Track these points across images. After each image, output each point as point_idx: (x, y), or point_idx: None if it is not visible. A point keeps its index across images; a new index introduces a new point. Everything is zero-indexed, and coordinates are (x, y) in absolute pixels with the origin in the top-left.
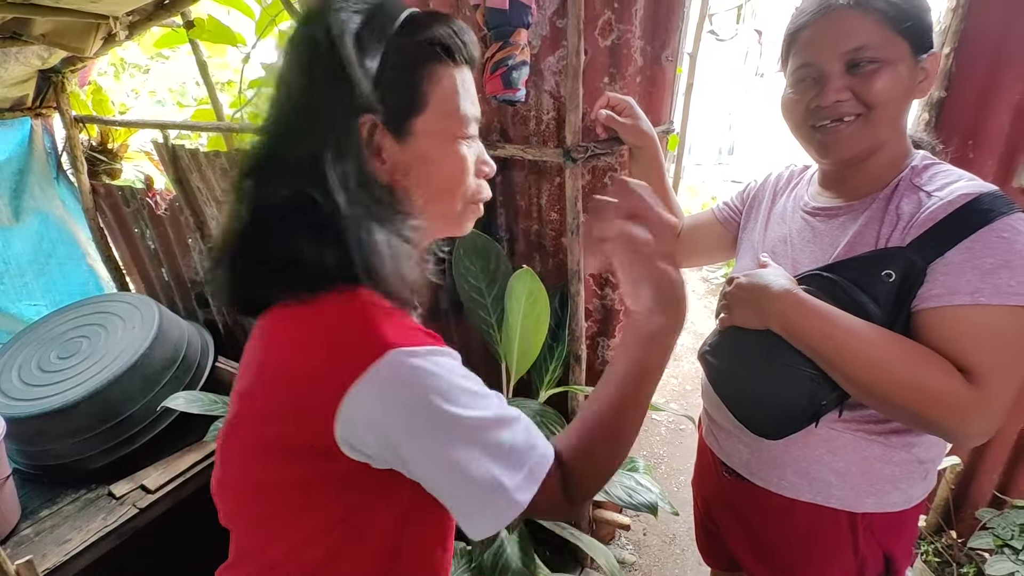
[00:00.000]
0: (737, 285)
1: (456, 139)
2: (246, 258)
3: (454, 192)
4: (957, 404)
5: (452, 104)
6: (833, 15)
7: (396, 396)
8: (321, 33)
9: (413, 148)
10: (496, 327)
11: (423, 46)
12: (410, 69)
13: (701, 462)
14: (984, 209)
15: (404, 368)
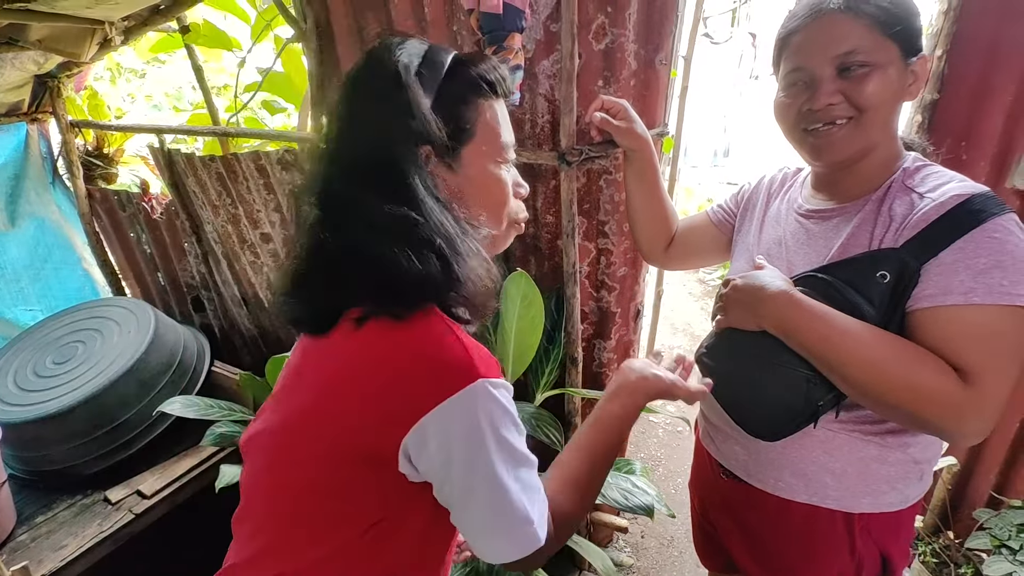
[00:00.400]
0: (733, 287)
1: (499, 164)
2: (332, 275)
3: (500, 213)
4: (952, 403)
5: (495, 133)
6: (824, 19)
7: (477, 420)
8: (390, 72)
9: (464, 174)
10: (491, 330)
11: (470, 83)
12: (460, 104)
13: (698, 464)
14: (976, 210)
15: (487, 397)
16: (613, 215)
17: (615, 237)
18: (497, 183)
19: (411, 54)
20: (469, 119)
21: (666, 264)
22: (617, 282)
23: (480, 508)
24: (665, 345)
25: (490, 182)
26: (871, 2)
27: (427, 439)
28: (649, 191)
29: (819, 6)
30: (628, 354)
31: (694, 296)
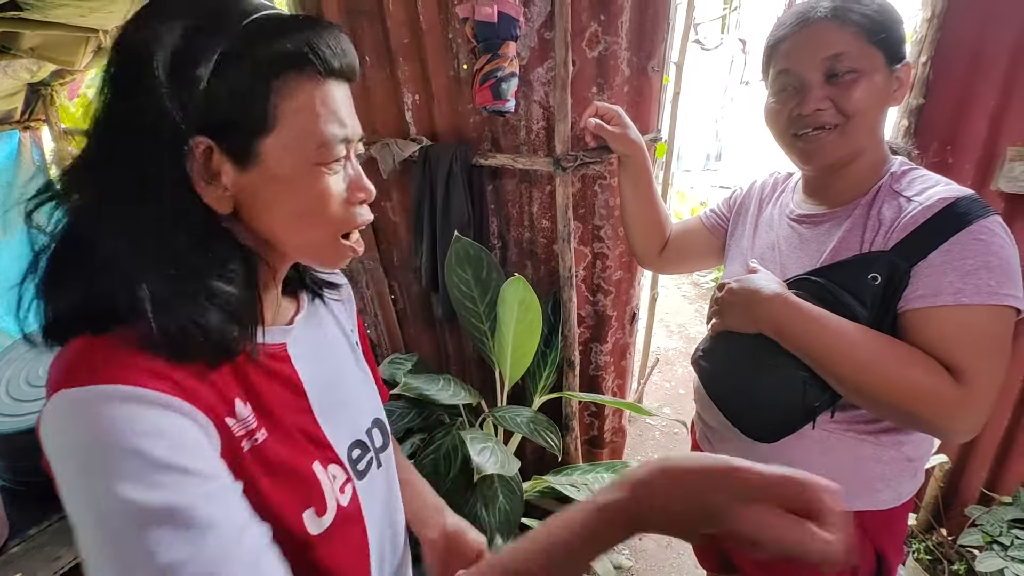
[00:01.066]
0: (728, 290)
1: (315, 164)
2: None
3: (315, 222)
4: (944, 401)
5: (309, 123)
6: (812, 27)
7: (50, 445)
8: (137, 45)
9: (260, 172)
10: (489, 335)
11: (272, 57)
12: (253, 83)
13: None
14: (961, 213)
15: (61, 412)
16: (608, 220)
17: (610, 241)
18: (309, 186)
19: (178, 18)
20: (268, 102)
21: (660, 268)
22: (613, 286)
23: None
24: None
25: (299, 184)
26: (857, 11)
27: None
28: (643, 196)
29: (807, 14)
30: (625, 356)
31: (689, 299)
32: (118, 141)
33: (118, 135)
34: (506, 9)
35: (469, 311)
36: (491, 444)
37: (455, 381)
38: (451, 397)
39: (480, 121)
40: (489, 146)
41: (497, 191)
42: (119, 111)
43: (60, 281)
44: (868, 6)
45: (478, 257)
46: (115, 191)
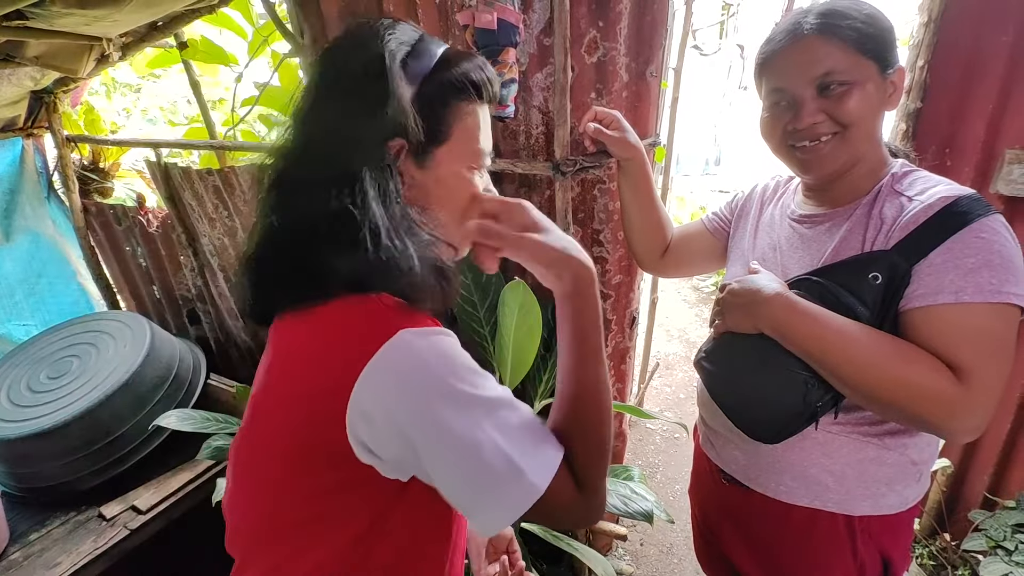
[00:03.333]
0: (730, 291)
1: (471, 170)
2: (275, 266)
3: (465, 216)
4: (946, 400)
5: (472, 138)
6: (801, 43)
7: (407, 373)
8: (373, 56)
9: (433, 175)
10: (489, 339)
11: (455, 83)
12: (440, 103)
13: (698, 470)
14: (962, 211)
15: (413, 346)
16: (608, 224)
17: (610, 246)
18: (466, 188)
19: (400, 41)
20: (448, 120)
21: (662, 272)
22: (612, 290)
23: (452, 477)
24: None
25: (458, 185)
26: (845, 24)
27: (370, 415)
28: (643, 200)
29: (795, 30)
30: (624, 361)
31: (689, 303)
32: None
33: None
34: (506, 16)
35: (469, 315)
36: None
37: None
38: None
39: None
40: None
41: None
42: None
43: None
44: (856, 18)
45: None
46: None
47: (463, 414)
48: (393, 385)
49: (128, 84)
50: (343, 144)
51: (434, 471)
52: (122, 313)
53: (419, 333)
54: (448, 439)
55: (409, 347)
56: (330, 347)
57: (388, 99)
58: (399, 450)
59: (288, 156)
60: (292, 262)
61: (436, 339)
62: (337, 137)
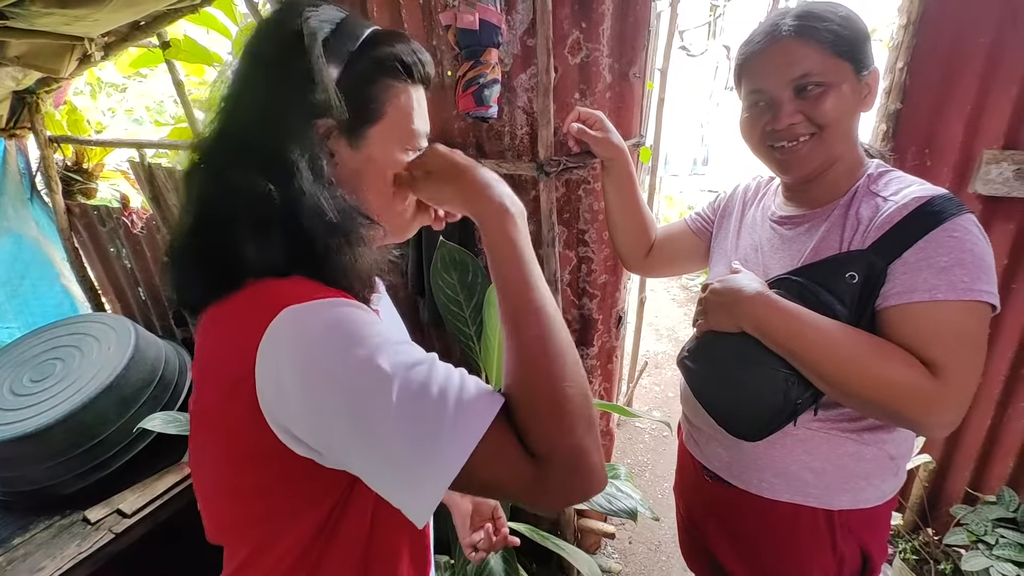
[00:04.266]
0: (712, 290)
1: (406, 151)
2: (193, 254)
3: (391, 197)
4: (922, 395)
5: (406, 118)
6: (778, 45)
7: (292, 349)
8: (292, 36)
9: (365, 154)
10: (475, 339)
11: (384, 62)
12: (370, 82)
13: (682, 466)
14: (935, 211)
15: (298, 320)
16: (592, 224)
17: (595, 245)
18: (398, 166)
19: (322, 20)
20: (378, 99)
21: (646, 271)
22: (598, 289)
23: (358, 458)
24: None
25: (393, 167)
26: (821, 27)
27: (283, 397)
28: (627, 200)
29: (773, 32)
30: (611, 360)
31: (677, 302)
32: (271, 109)
33: (271, 104)
34: (488, 17)
35: (455, 315)
36: None
37: None
38: None
39: (465, 127)
40: (474, 152)
41: None
42: (264, 86)
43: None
44: (832, 20)
45: (463, 262)
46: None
47: (358, 386)
48: (284, 364)
49: (113, 84)
50: (264, 124)
51: (343, 454)
52: (106, 315)
53: (305, 307)
54: (345, 416)
55: (293, 322)
56: (231, 337)
57: (311, 77)
58: (317, 431)
59: (210, 139)
60: (207, 249)
61: (326, 310)
62: (258, 117)
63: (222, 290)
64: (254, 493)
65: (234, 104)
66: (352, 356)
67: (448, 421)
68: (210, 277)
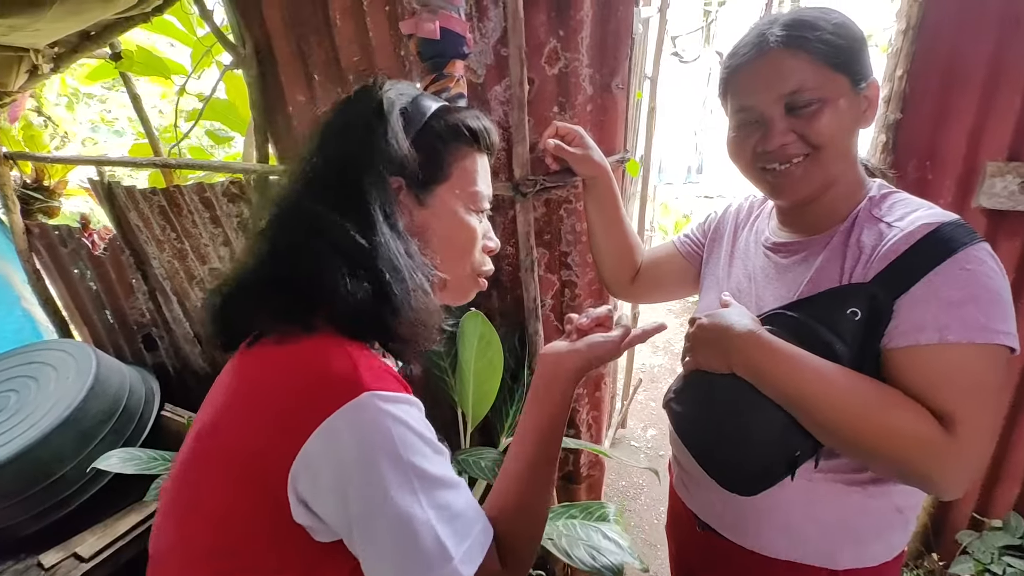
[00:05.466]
0: (699, 326)
1: (470, 211)
2: (262, 291)
3: (464, 259)
4: (931, 451)
5: (471, 180)
6: (766, 58)
7: (363, 436)
8: (373, 102)
9: (432, 212)
10: (450, 372)
11: (452, 127)
12: (438, 144)
13: (673, 509)
14: (945, 239)
15: (374, 410)
16: (575, 246)
17: (579, 268)
18: (465, 228)
19: (399, 92)
20: (446, 160)
21: (632, 297)
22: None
23: (381, 549)
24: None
25: (458, 226)
26: (813, 36)
27: (317, 470)
28: (610, 221)
29: (760, 44)
30: (599, 388)
31: (674, 312)
32: (349, 166)
33: (349, 162)
34: (450, 25)
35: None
36: None
37: None
38: None
39: None
40: None
41: None
42: (345, 145)
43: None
44: (824, 29)
45: None
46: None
47: (407, 488)
48: (348, 446)
49: (89, 95)
50: (346, 176)
51: (363, 540)
52: (67, 342)
53: (386, 398)
54: (387, 510)
55: (372, 410)
56: (295, 389)
57: (386, 137)
58: (338, 511)
59: (290, 184)
60: (282, 287)
61: (401, 407)
62: (340, 170)
63: (292, 330)
64: (245, 536)
65: (318, 157)
66: (412, 459)
67: (462, 539)
68: (283, 314)
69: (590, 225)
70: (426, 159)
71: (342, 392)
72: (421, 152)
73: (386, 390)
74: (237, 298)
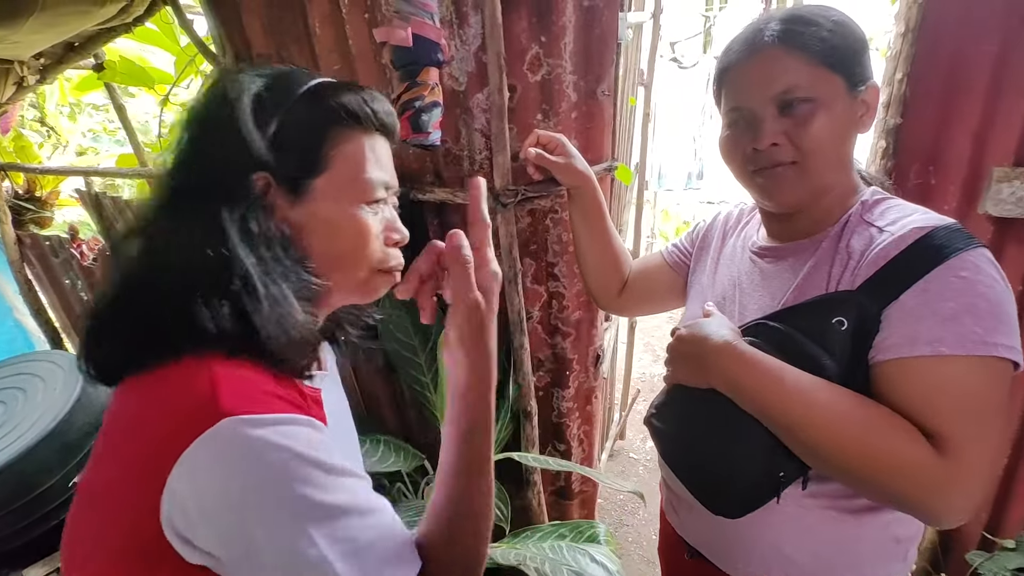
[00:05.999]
0: (677, 337)
1: (358, 203)
2: (119, 318)
3: (357, 257)
4: (925, 477)
5: (356, 168)
6: (760, 56)
7: (229, 469)
8: (221, 93)
9: (311, 208)
10: (432, 388)
11: (327, 111)
12: (310, 132)
13: (663, 534)
14: (938, 245)
15: (240, 438)
16: (562, 256)
17: (566, 280)
18: (352, 223)
19: (256, 76)
20: (321, 148)
21: (620, 310)
22: (572, 327)
23: None
24: (645, 373)
25: (344, 221)
26: (808, 34)
27: (185, 506)
28: (595, 231)
29: (754, 40)
30: (590, 401)
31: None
32: (200, 168)
33: (200, 164)
34: (423, 32)
35: (408, 362)
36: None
37: (387, 442)
38: (376, 464)
39: (421, 153)
40: (432, 179)
41: (444, 227)
42: (202, 145)
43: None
44: (822, 26)
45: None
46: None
47: (294, 523)
48: (212, 481)
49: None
50: (197, 181)
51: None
52: (56, 353)
53: (255, 422)
54: (268, 551)
55: (237, 438)
56: (151, 424)
57: (236, 130)
58: (220, 549)
59: (152, 200)
60: (137, 313)
61: (281, 430)
62: (191, 174)
63: (149, 360)
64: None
65: (174, 165)
66: (295, 489)
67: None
68: (137, 343)
69: (575, 236)
70: (296, 148)
71: (198, 420)
72: (289, 140)
73: (257, 412)
74: (97, 330)
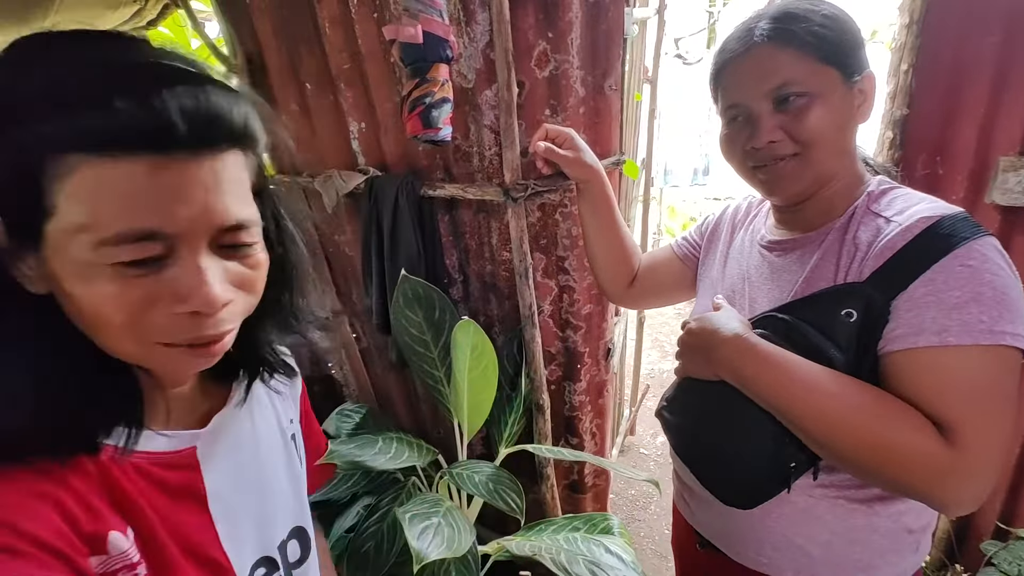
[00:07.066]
0: (687, 330)
1: (95, 263)
2: None
3: (109, 329)
4: (932, 465)
5: (89, 211)
6: (753, 53)
7: None
8: None
9: (53, 263)
10: (445, 382)
11: (43, 135)
12: (22, 160)
13: (676, 526)
14: (945, 234)
15: None
16: (572, 250)
17: (576, 273)
18: (88, 288)
19: None
20: (41, 183)
21: (630, 303)
22: (583, 321)
23: None
24: (654, 369)
25: (79, 284)
26: (800, 28)
27: None
28: (604, 224)
29: (746, 39)
30: (602, 395)
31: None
32: None
33: None
34: (432, 29)
35: (421, 357)
36: (436, 519)
37: (400, 439)
38: (390, 460)
39: (432, 149)
40: (442, 175)
41: (454, 222)
42: None
43: None
44: (812, 20)
45: (429, 297)
46: None
47: None
48: None
49: None
50: None
51: None
52: None
53: None
54: None
55: None
56: None
57: None
58: None
59: None
60: None
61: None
62: None
63: None
64: None
65: None
66: None
67: None
68: None
69: (584, 229)
70: (12, 184)
71: None
72: (9, 175)
73: None
74: None
